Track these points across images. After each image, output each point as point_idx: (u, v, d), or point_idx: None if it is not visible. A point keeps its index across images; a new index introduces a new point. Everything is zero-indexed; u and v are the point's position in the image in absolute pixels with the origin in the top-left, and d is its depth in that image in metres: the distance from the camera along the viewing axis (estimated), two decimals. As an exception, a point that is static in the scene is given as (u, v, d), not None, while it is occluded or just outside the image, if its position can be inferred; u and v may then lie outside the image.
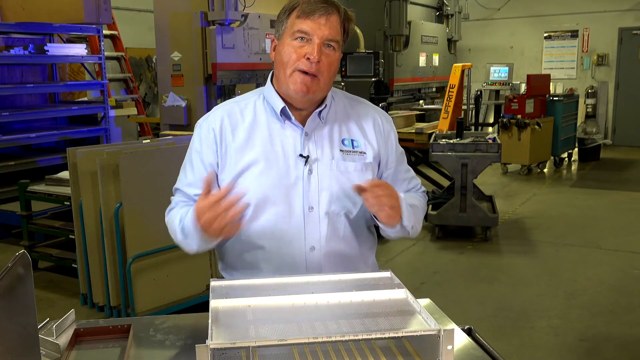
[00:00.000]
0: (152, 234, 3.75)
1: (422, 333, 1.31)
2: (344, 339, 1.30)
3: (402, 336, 1.42)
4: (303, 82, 1.61)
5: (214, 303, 1.43)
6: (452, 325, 1.59)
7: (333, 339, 1.29)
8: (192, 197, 1.72)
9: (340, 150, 1.71)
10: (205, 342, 1.20)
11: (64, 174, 4.66)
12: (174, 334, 1.55)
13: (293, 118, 1.69)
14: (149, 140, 4.88)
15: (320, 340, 1.28)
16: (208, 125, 1.72)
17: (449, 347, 1.28)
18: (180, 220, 1.65)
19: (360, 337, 1.30)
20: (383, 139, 1.77)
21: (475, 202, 5.72)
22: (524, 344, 3.64)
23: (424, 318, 1.36)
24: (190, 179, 1.73)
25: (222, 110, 1.74)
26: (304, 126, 1.69)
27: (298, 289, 1.52)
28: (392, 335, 1.33)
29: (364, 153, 1.73)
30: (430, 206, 6.08)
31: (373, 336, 1.31)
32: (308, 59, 1.59)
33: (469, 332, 1.59)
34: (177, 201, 1.76)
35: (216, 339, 1.24)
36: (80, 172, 3.90)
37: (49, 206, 5.03)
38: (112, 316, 3.88)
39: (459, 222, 5.76)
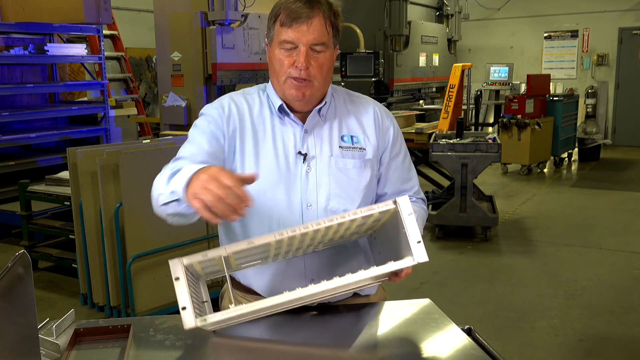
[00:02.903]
0: (152, 234, 3.76)
1: (379, 209, 1.40)
2: (307, 230, 1.38)
3: (361, 215, 1.46)
4: (298, 89, 1.62)
5: (186, 260, 1.42)
6: (451, 325, 1.59)
7: (298, 232, 1.37)
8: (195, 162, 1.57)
9: (340, 146, 1.70)
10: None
11: (64, 174, 4.66)
12: (174, 334, 1.55)
13: (292, 115, 1.69)
14: (149, 140, 4.88)
15: (285, 236, 1.36)
16: (220, 106, 1.69)
17: (409, 214, 1.38)
18: (172, 171, 1.45)
19: (321, 225, 1.38)
20: (382, 135, 1.76)
21: (475, 202, 5.72)
22: (524, 344, 3.64)
23: (381, 204, 1.45)
24: (194, 148, 1.61)
25: (232, 98, 1.73)
26: (303, 123, 1.70)
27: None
28: (352, 217, 1.42)
29: (364, 149, 1.72)
30: (431, 206, 6.07)
31: (335, 222, 1.39)
32: (297, 67, 1.59)
33: (469, 332, 1.59)
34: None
35: (189, 258, 1.36)
36: (80, 172, 3.90)
37: (49, 206, 5.03)
38: (112, 316, 3.88)
39: (459, 222, 5.76)
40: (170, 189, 1.40)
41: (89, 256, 3.97)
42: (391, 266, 1.44)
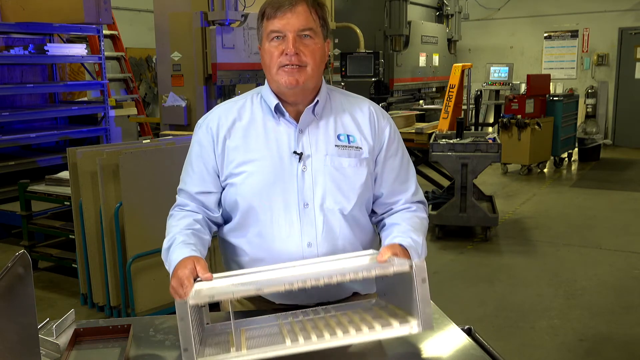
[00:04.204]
0: (152, 234, 3.75)
1: (395, 270, 1.36)
2: (317, 282, 1.34)
3: (375, 275, 1.44)
4: (290, 75, 1.64)
5: (198, 285, 1.45)
6: (451, 325, 1.59)
7: (308, 283, 1.33)
8: (194, 197, 1.75)
9: (336, 145, 1.71)
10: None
11: (64, 174, 4.66)
12: (174, 334, 1.55)
13: (287, 114, 1.71)
14: (149, 140, 4.88)
15: (296, 286, 1.32)
16: (206, 125, 1.75)
17: (423, 279, 1.35)
18: (169, 243, 1.65)
19: (334, 279, 1.34)
20: (377, 135, 1.77)
21: (475, 202, 5.72)
22: (524, 344, 3.64)
23: (396, 261, 1.42)
24: (191, 178, 1.76)
25: (220, 110, 1.77)
26: (298, 122, 1.71)
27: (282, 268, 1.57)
28: (365, 274, 1.37)
29: (360, 148, 1.73)
30: (431, 206, 6.08)
31: (347, 277, 1.35)
32: (286, 54, 1.62)
33: (469, 332, 1.59)
34: (179, 204, 1.78)
35: (197, 296, 1.30)
36: (80, 172, 3.90)
37: (49, 206, 5.03)
38: (112, 316, 3.88)
39: (459, 222, 5.76)
40: (166, 262, 1.64)
41: (89, 256, 3.97)
42: (397, 331, 1.41)
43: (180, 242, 1.62)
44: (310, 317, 1.51)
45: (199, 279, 1.49)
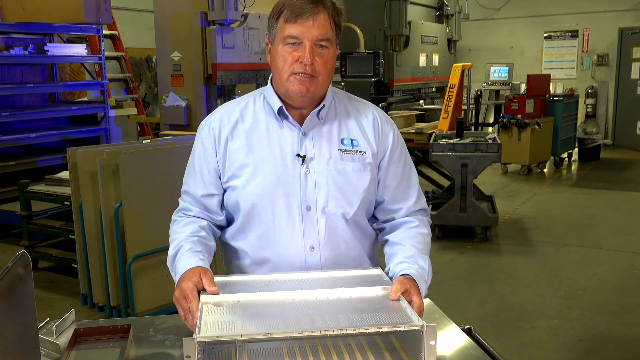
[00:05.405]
0: (152, 234, 3.76)
1: (406, 328, 1.32)
2: (328, 333, 1.31)
3: (387, 331, 1.42)
4: (301, 83, 1.61)
5: (204, 298, 1.45)
6: (451, 325, 1.59)
7: (317, 333, 1.30)
8: (198, 200, 1.74)
9: (339, 149, 1.70)
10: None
11: (64, 174, 4.66)
12: (174, 334, 1.55)
13: (290, 117, 1.69)
14: (149, 140, 4.88)
15: (305, 334, 1.29)
16: (209, 126, 1.74)
17: (432, 342, 1.30)
18: (176, 250, 1.66)
19: (344, 332, 1.32)
20: (381, 140, 1.76)
21: (475, 202, 5.72)
22: (524, 344, 3.64)
23: (409, 314, 1.37)
24: (194, 181, 1.75)
25: (222, 111, 1.76)
26: (302, 125, 1.69)
27: (288, 285, 1.54)
28: (375, 330, 1.35)
29: (364, 152, 1.72)
30: (431, 206, 6.07)
31: (357, 331, 1.32)
32: (301, 62, 1.59)
33: (469, 332, 1.59)
34: (182, 208, 1.77)
35: (204, 333, 1.27)
36: (80, 172, 3.90)
37: (49, 206, 5.03)
38: (112, 316, 3.88)
39: (459, 222, 5.76)
40: (172, 270, 1.66)
41: (89, 256, 3.97)
42: None
43: (188, 250, 1.61)
44: (312, 342, 1.48)
45: (203, 290, 1.49)
